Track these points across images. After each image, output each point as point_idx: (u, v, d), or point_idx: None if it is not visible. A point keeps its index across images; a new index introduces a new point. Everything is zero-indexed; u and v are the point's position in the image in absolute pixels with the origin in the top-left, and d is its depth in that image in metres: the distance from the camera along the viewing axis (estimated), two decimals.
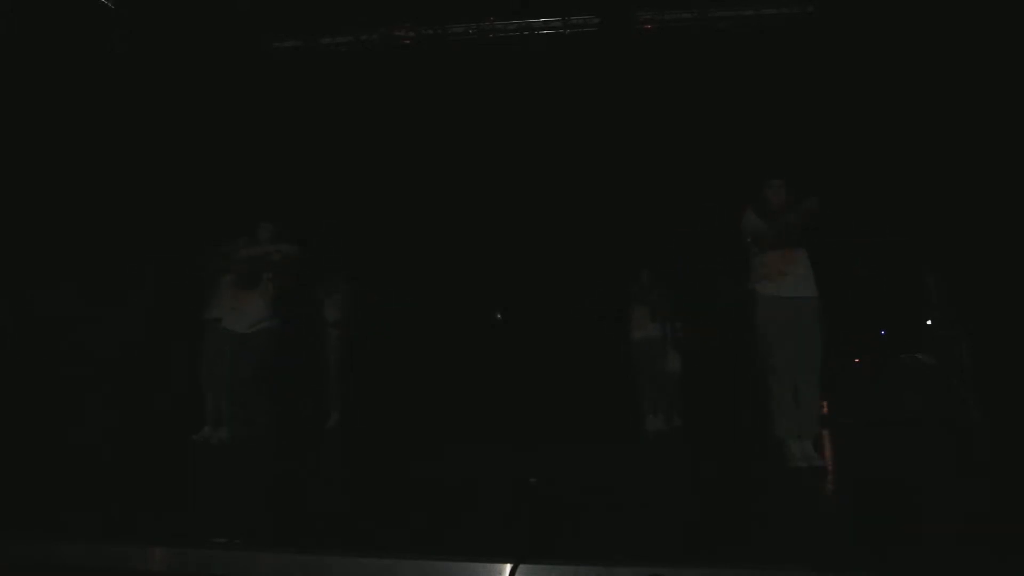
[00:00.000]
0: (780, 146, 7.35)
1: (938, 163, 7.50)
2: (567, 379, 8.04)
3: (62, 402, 6.01)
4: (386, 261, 8.85)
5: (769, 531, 2.56)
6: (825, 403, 6.42)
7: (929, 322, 6.39)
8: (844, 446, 4.95)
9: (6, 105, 6.36)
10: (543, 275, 8.86)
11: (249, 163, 8.28)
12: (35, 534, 2.27)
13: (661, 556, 2.09)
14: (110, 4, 7.50)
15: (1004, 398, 5.85)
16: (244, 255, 4.61)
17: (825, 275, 4.03)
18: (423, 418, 7.05)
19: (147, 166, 7.61)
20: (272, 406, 4.67)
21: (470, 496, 3.24)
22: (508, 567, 1.88)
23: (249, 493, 3.47)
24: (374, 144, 8.80)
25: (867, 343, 7.71)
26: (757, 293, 3.98)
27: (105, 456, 4.63)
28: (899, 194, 7.71)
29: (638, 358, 6.33)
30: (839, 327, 7.48)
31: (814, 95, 7.64)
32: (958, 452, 4.86)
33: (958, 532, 2.49)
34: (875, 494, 3.28)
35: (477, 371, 8.61)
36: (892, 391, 6.50)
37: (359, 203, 8.87)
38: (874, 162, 7.70)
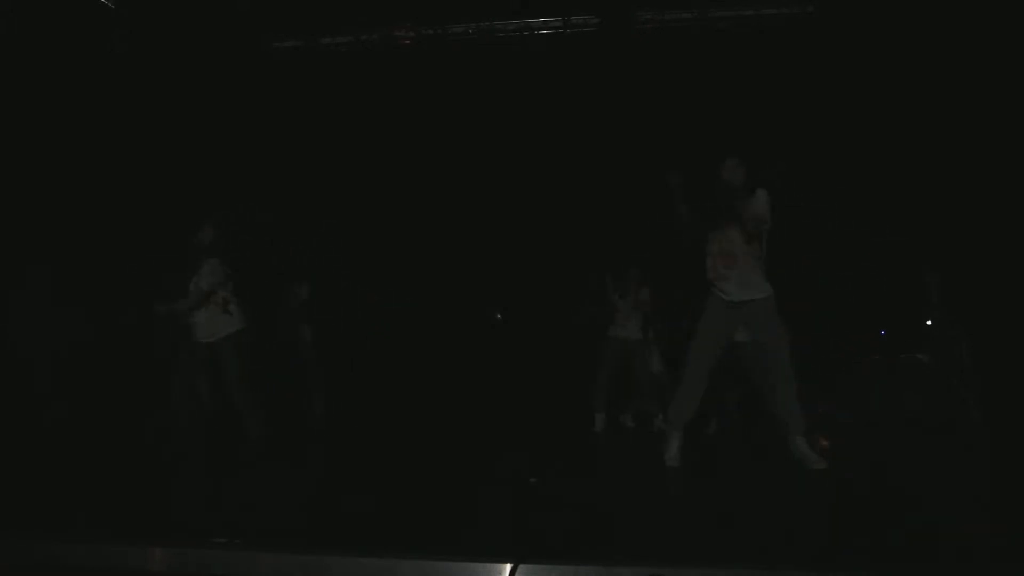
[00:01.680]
0: (780, 146, 7.34)
1: (938, 163, 7.50)
2: (567, 379, 8.04)
3: (60, 402, 6.01)
4: (386, 261, 8.85)
5: (767, 531, 2.56)
6: (825, 403, 6.42)
7: (929, 322, 6.37)
8: (844, 446, 4.94)
9: (6, 105, 6.36)
10: (543, 275, 8.87)
11: (249, 163, 8.28)
12: (35, 534, 2.27)
13: (661, 556, 2.09)
14: (110, 4, 7.50)
15: (1004, 398, 5.85)
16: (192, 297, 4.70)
17: (825, 274, 4.04)
18: (423, 418, 7.05)
19: (147, 166, 7.61)
20: (260, 408, 4.69)
21: (470, 496, 3.24)
22: (508, 567, 1.88)
23: (250, 493, 3.47)
24: (374, 144, 8.80)
25: (867, 343, 7.70)
26: (709, 298, 3.99)
27: (106, 456, 4.63)
28: (899, 194, 7.71)
29: (611, 356, 6.19)
30: (839, 327, 7.50)
31: (814, 95, 7.64)
32: (958, 452, 4.86)
33: (957, 532, 2.49)
34: (874, 494, 3.28)
35: (477, 371, 8.61)
36: (892, 391, 6.48)
37: (359, 203, 8.88)
38: (874, 162, 7.71)
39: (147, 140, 7.66)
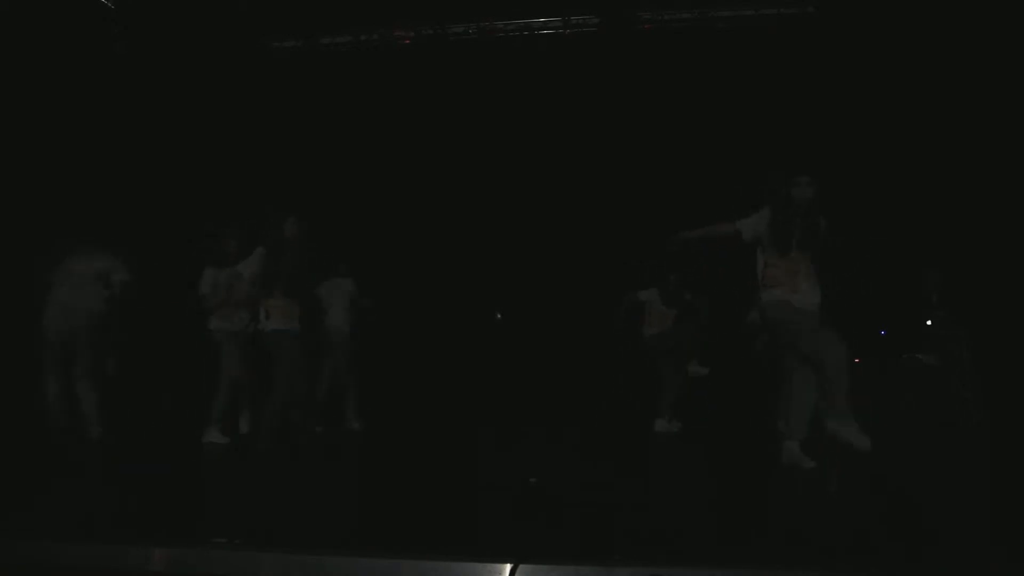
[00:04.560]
0: (780, 146, 7.34)
1: (938, 163, 7.49)
2: (568, 379, 8.03)
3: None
4: (386, 261, 8.83)
5: (767, 531, 2.56)
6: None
7: (929, 322, 6.38)
8: (844, 446, 4.94)
9: (6, 105, 6.36)
10: (544, 275, 8.86)
11: (249, 163, 8.28)
12: (35, 534, 2.27)
13: (661, 556, 2.09)
14: (110, 4, 7.50)
15: (1004, 398, 5.85)
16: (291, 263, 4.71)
17: (825, 274, 4.04)
18: (423, 418, 7.05)
19: (147, 166, 7.61)
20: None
21: (470, 496, 3.24)
22: (508, 567, 1.88)
23: (251, 493, 3.47)
24: (374, 144, 8.80)
25: (867, 343, 7.70)
26: (766, 300, 3.97)
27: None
28: (899, 194, 7.71)
29: (655, 359, 6.22)
30: (839, 327, 7.47)
31: (814, 95, 7.64)
32: (958, 452, 4.86)
33: (958, 532, 2.49)
34: (874, 494, 3.28)
35: (477, 371, 8.60)
36: (892, 391, 6.48)
37: (359, 203, 8.87)
38: (874, 162, 7.70)
39: (146, 140, 7.66)
